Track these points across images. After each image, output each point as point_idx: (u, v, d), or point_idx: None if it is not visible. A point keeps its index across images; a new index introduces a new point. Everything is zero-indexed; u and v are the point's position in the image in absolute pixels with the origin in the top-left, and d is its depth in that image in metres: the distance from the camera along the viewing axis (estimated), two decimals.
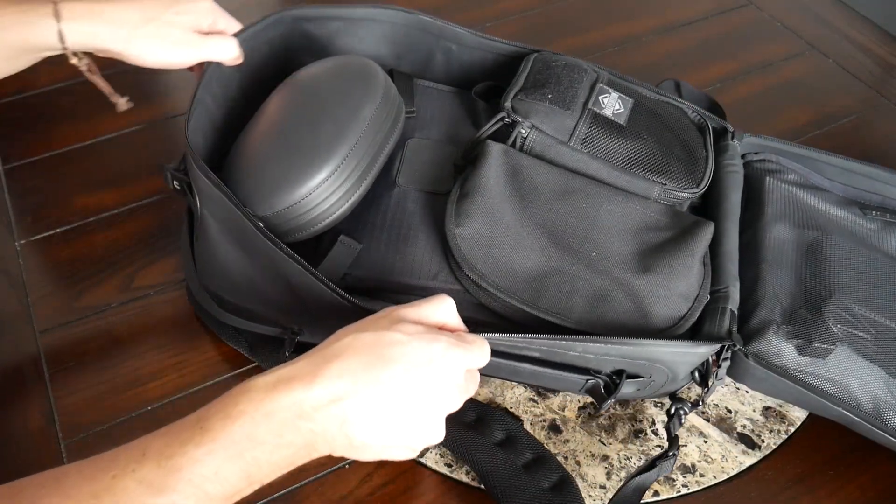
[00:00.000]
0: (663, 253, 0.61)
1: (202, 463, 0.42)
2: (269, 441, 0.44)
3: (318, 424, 0.44)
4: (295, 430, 0.44)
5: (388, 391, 0.45)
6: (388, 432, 0.46)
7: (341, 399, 0.44)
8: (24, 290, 0.71)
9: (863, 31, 1.03)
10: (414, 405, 0.45)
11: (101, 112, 0.87)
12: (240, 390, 0.45)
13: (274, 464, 0.44)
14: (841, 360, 0.59)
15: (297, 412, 0.44)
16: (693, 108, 0.71)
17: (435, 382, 0.46)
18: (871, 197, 0.73)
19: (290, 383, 0.44)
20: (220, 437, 0.43)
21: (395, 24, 0.73)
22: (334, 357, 0.46)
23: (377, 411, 0.45)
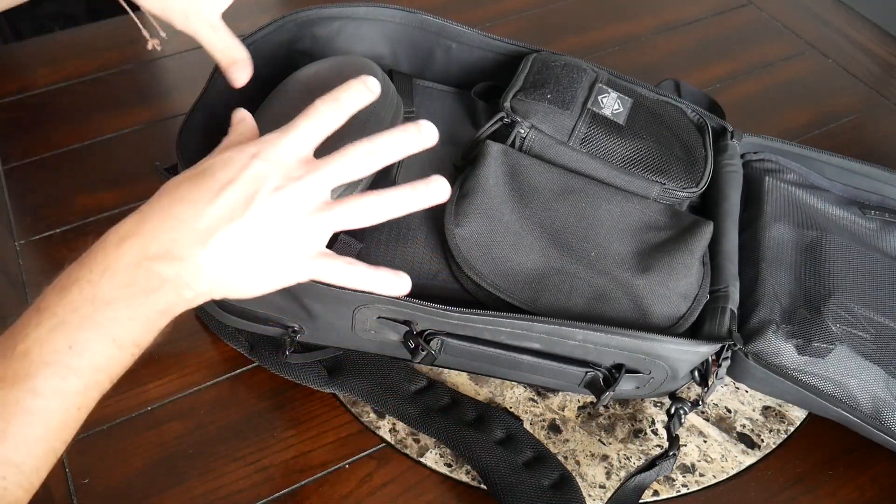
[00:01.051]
0: (663, 252, 0.61)
1: (49, 341, 0.40)
2: (120, 295, 0.42)
3: (166, 266, 0.43)
4: (147, 274, 0.42)
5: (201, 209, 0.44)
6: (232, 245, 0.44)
7: (173, 240, 0.43)
8: (24, 290, 0.71)
9: (863, 31, 1.03)
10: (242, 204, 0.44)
11: (101, 112, 0.87)
12: (73, 264, 0.43)
13: (140, 319, 0.42)
14: (840, 359, 0.59)
15: (138, 257, 0.42)
16: (692, 107, 0.72)
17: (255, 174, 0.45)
18: (870, 197, 0.73)
19: (121, 239, 0.43)
20: (58, 310, 0.41)
21: (395, 23, 0.73)
22: (158, 197, 0.45)
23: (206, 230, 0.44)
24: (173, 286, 0.43)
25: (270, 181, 0.45)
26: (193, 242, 0.44)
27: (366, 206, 0.47)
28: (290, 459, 0.61)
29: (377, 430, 0.62)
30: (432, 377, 0.65)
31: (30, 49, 0.97)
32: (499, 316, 0.55)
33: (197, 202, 0.45)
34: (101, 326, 0.41)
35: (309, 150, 0.48)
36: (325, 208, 0.47)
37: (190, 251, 0.44)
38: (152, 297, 0.43)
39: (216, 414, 0.63)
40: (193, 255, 0.44)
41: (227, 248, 0.44)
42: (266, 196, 0.45)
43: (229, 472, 0.59)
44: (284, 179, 0.46)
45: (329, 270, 0.48)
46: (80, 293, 0.41)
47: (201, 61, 0.93)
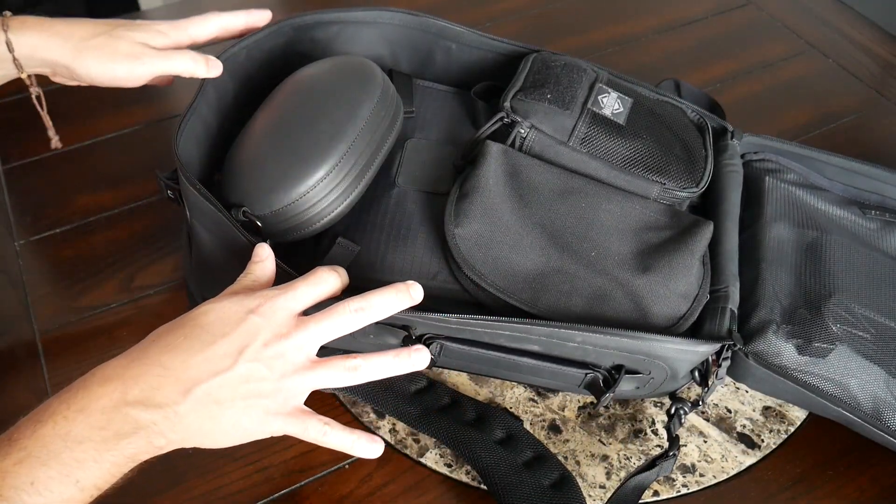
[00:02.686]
0: (663, 252, 0.61)
1: (14, 474, 0.40)
2: (92, 437, 0.42)
3: (143, 412, 0.43)
4: (123, 419, 0.42)
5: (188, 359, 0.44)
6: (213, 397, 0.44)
7: (155, 388, 0.43)
8: (24, 290, 0.71)
9: (863, 31, 1.03)
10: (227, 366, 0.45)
11: (100, 112, 0.87)
12: (53, 397, 0.43)
13: (105, 463, 0.42)
14: (841, 359, 0.59)
15: (117, 400, 0.42)
16: (692, 107, 0.72)
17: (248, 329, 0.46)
18: (870, 196, 0.73)
19: (105, 379, 0.43)
20: (28, 443, 0.41)
21: (395, 25, 0.73)
22: (149, 342, 0.46)
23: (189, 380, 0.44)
24: (146, 433, 0.44)
25: (261, 336, 0.46)
26: (175, 392, 0.44)
27: (348, 369, 0.48)
28: (290, 459, 0.61)
29: (377, 430, 0.62)
30: (432, 377, 0.65)
31: None
32: (497, 320, 0.55)
33: (187, 352, 0.45)
34: (66, 466, 0.41)
35: (301, 309, 0.49)
36: (309, 366, 0.48)
37: (170, 399, 0.44)
38: (123, 442, 0.43)
39: None
40: (173, 405, 0.44)
41: (207, 401, 0.45)
42: (255, 351, 0.46)
43: (229, 473, 0.59)
44: (274, 336, 0.47)
45: (300, 429, 0.48)
46: (54, 428, 0.41)
47: None
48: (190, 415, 0.44)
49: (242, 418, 0.46)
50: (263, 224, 0.58)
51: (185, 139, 0.60)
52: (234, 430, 0.47)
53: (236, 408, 0.46)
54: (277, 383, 0.46)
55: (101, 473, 0.42)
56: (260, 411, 0.46)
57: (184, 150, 0.60)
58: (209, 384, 0.45)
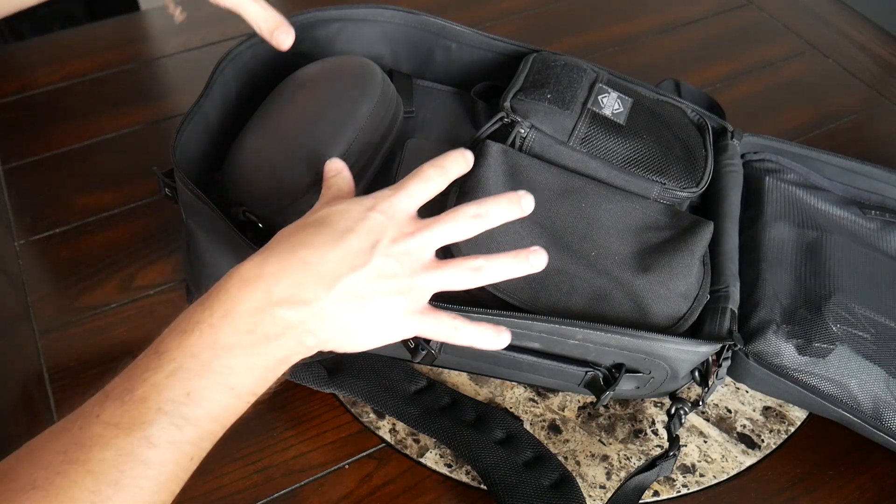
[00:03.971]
0: (663, 252, 0.61)
1: (167, 387, 0.39)
2: (241, 342, 0.41)
3: (290, 311, 0.42)
4: (270, 320, 0.41)
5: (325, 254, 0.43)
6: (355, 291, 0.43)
7: (298, 284, 0.42)
8: (24, 290, 0.71)
9: (863, 31, 1.03)
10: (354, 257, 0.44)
11: (100, 112, 0.87)
12: (193, 305, 0.42)
13: (257, 368, 0.41)
14: (841, 359, 0.59)
15: (262, 301, 0.41)
16: (692, 107, 0.72)
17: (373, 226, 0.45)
18: (870, 197, 0.73)
19: (244, 281, 0.42)
20: (178, 355, 0.40)
21: (395, 23, 0.73)
22: (276, 242, 0.45)
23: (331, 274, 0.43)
24: (295, 333, 0.43)
25: (388, 233, 0.46)
26: (319, 286, 0.43)
27: (473, 269, 0.48)
28: (290, 459, 0.61)
29: (377, 430, 0.62)
30: (432, 377, 0.65)
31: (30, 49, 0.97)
32: (498, 315, 0.55)
33: (320, 247, 0.44)
34: (219, 374, 0.40)
35: (416, 208, 0.49)
36: (434, 265, 0.47)
37: (315, 295, 0.43)
38: (273, 344, 0.42)
39: None
40: (319, 300, 0.43)
41: (350, 295, 0.44)
42: (386, 247, 0.45)
43: (229, 473, 0.59)
44: (400, 234, 0.46)
45: (434, 327, 0.48)
46: (201, 337, 0.40)
47: (201, 61, 0.93)
48: (336, 310, 0.43)
49: (383, 316, 0.45)
50: (265, 225, 0.58)
51: (187, 138, 0.60)
52: (376, 329, 0.46)
53: (377, 304, 0.45)
54: (409, 280, 0.46)
55: (253, 378, 0.41)
56: (397, 310, 0.46)
57: (184, 148, 0.60)
58: (350, 278, 0.44)
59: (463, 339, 0.49)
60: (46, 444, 0.39)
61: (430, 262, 0.47)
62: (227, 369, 0.40)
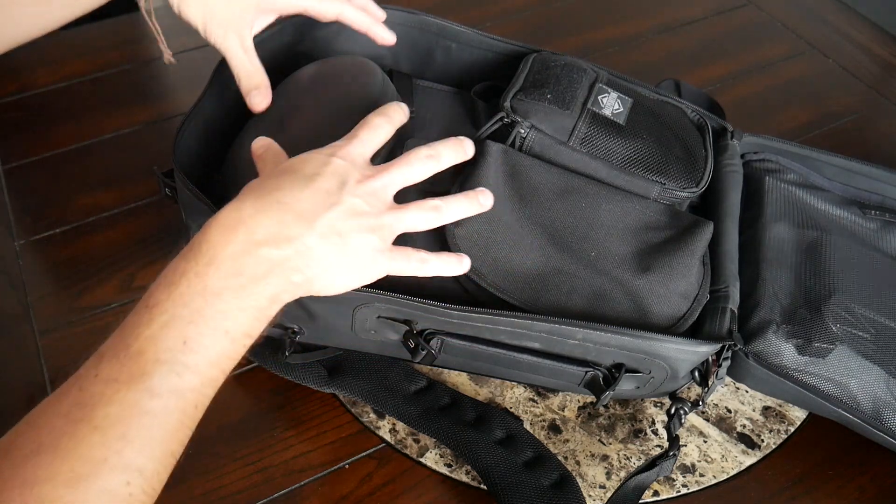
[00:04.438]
0: (663, 252, 0.61)
1: (162, 338, 0.40)
2: (229, 285, 0.41)
3: (274, 250, 0.43)
4: (255, 260, 0.42)
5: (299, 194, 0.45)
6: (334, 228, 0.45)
7: (279, 223, 0.44)
8: (24, 290, 0.71)
9: (863, 31, 1.03)
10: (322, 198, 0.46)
11: (100, 112, 0.87)
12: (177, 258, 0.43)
13: (248, 309, 0.42)
14: (841, 359, 0.59)
15: (245, 243, 0.42)
16: (692, 107, 0.72)
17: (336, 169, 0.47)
18: (870, 197, 0.73)
19: (225, 228, 0.43)
20: (168, 305, 0.40)
21: (394, 23, 0.72)
22: (249, 190, 0.46)
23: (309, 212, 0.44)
24: (282, 270, 0.43)
25: (352, 175, 0.48)
26: (300, 223, 0.44)
27: (431, 208, 0.51)
28: (290, 459, 0.61)
29: (377, 430, 0.62)
30: (432, 377, 0.65)
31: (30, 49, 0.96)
32: (499, 314, 0.55)
33: (293, 189, 0.45)
34: (212, 319, 0.41)
35: (371, 155, 0.51)
36: (397, 207, 0.50)
37: (298, 232, 0.44)
38: (261, 283, 0.42)
39: (216, 413, 0.62)
40: (301, 237, 0.44)
41: (331, 232, 0.45)
42: (353, 187, 0.47)
43: (229, 473, 0.59)
44: (362, 176, 0.48)
45: (404, 262, 0.50)
46: (189, 286, 0.41)
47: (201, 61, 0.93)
48: (318, 246, 0.45)
49: (359, 253, 0.47)
50: None
51: (188, 138, 0.60)
52: (353, 267, 0.47)
53: (353, 241, 0.46)
54: (378, 219, 0.48)
55: (247, 320, 0.42)
56: (370, 248, 0.47)
57: (185, 148, 0.60)
58: (328, 215, 0.45)
59: (431, 269, 0.52)
60: (46, 410, 0.39)
61: (392, 204, 0.50)
62: (220, 314, 0.41)
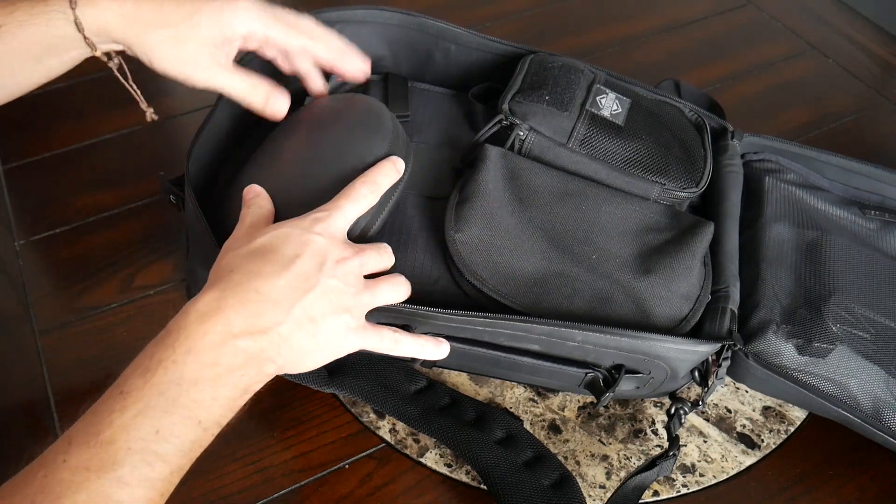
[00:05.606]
0: (664, 254, 0.61)
1: (135, 427, 0.40)
2: (205, 375, 0.42)
3: (250, 342, 0.43)
4: (232, 352, 0.43)
5: (276, 282, 0.45)
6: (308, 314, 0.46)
7: (255, 315, 0.44)
8: (24, 290, 0.71)
9: (863, 31, 1.03)
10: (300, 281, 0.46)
11: (100, 112, 0.87)
12: (152, 343, 0.43)
13: (222, 398, 0.43)
14: (841, 359, 0.59)
15: (222, 334, 0.43)
16: (690, 106, 0.71)
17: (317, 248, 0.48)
18: (870, 197, 0.73)
19: (203, 316, 0.43)
20: (143, 394, 0.40)
21: (393, 25, 0.72)
22: (229, 272, 0.46)
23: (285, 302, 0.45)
24: (256, 361, 0.44)
25: (331, 254, 0.49)
26: (275, 314, 0.45)
27: (402, 284, 0.54)
28: (290, 459, 0.61)
29: (377, 430, 0.62)
30: (432, 377, 0.65)
31: None
32: (498, 317, 0.55)
33: (271, 276, 0.46)
34: (186, 409, 0.41)
35: (348, 227, 0.52)
36: (369, 284, 0.51)
37: (272, 322, 0.45)
38: (236, 374, 0.43)
39: None
40: (277, 325, 0.45)
41: (305, 319, 0.46)
42: (331, 268, 0.48)
43: (229, 473, 0.60)
44: (341, 255, 0.49)
45: (377, 340, 0.52)
46: (166, 374, 0.41)
47: None
48: (292, 335, 0.46)
49: (331, 334, 0.48)
50: None
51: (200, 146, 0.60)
52: (325, 347, 0.48)
53: (327, 324, 0.47)
54: (353, 298, 0.49)
55: (219, 409, 0.43)
56: (343, 327, 0.49)
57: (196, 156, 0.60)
58: (303, 302, 0.46)
59: (404, 350, 0.54)
60: (10, 493, 0.39)
61: (366, 282, 0.51)
62: (195, 403, 0.41)
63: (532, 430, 0.63)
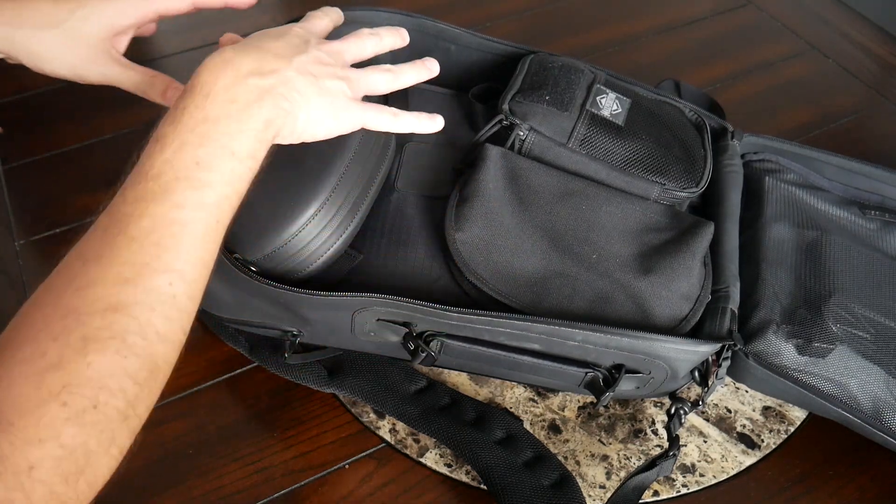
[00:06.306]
0: (664, 254, 0.61)
1: (177, 160, 0.43)
2: (227, 111, 0.45)
3: (260, 79, 0.47)
4: (246, 88, 0.47)
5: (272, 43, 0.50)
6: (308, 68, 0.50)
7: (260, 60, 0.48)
8: (24, 290, 0.71)
9: (863, 31, 1.03)
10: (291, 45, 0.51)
11: (100, 112, 0.87)
12: (177, 100, 0.47)
13: (249, 131, 0.46)
14: (840, 359, 0.59)
15: (234, 76, 0.47)
16: (690, 106, 0.71)
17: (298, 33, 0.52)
18: (870, 197, 0.73)
19: (214, 68, 0.47)
20: (178, 135, 0.44)
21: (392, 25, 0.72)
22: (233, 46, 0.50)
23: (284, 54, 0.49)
24: (270, 96, 0.47)
25: (313, 38, 0.53)
26: (278, 60, 0.49)
27: (387, 70, 0.56)
28: (290, 459, 0.61)
29: (377, 430, 0.62)
30: (432, 377, 0.65)
31: None
32: (498, 316, 0.55)
33: (267, 39, 0.51)
34: (217, 141, 0.44)
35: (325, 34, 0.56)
36: (357, 69, 0.54)
37: (277, 66, 0.49)
38: (255, 107, 0.47)
39: (216, 414, 0.63)
40: (282, 69, 0.49)
41: (305, 69, 0.50)
42: (316, 45, 0.52)
43: (229, 473, 0.60)
44: (321, 41, 0.54)
45: (377, 113, 0.54)
46: (191, 117, 0.45)
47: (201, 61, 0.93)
48: (297, 79, 0.49)
49: (333, 95, 0.51)
50: (257, 269, 0.57)
51: None
52: (332, 109, 0.51)
53: (326, 82, 0.51)
54: (343, 70, 0.53)
55: (248, 141, 0.46)
56: (342, 93, 0.52)
57: None
58: (299, 57, 0.50)
59: (403, 125, 0.56)
60: (85, 237, 0.43)
61: (350, 67, 0.54)
62: (224, 135, 0.45)
63: (532, 430, 0.63)
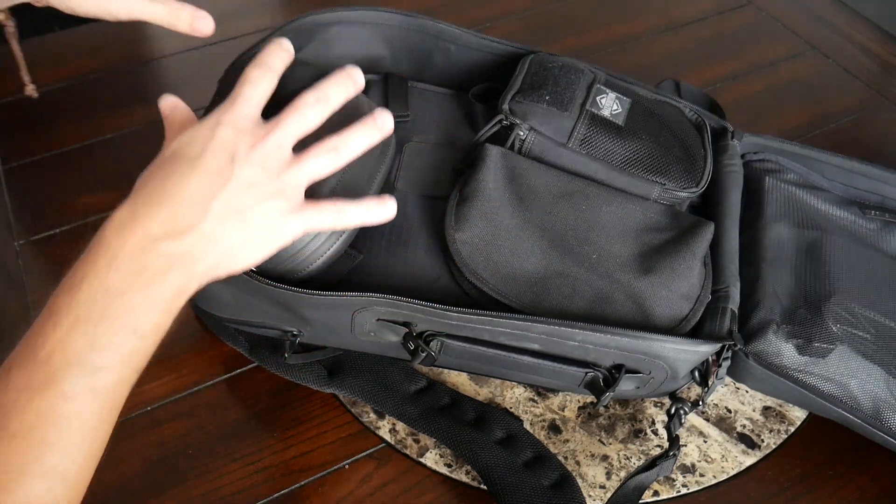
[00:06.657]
0: (664, 254, 0.61)
1: (71, 341, 0.39)
2: (132, 284, 0.41)
3: (172, 244, 0.42)
4: (155, 256, 0.42)
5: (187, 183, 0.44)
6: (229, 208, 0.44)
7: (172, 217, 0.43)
8: (24, 290, 0.71)
9: (863, 31, 1.03)
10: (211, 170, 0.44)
11: (100, 112, 0.87)
12: (73, 266, 0.42)
13: (156, 305, 0.42)
14: (841, 359, 0.59)
15: (142, 241, 0.42)
16: (690, 106, 0.71)
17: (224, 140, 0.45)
18: (870, 197, 0.73)
19: (120, 227, 0.42)
20: (72, 309, 0.40)
21: (393, 25, 0.72)
22: (140, 187, 0.45)
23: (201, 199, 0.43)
24: (182, 263, 0.43)
25: (241, 143, 0.46)
26: (194, 211, 0.44)
27: (329, 150, 0.48)
28: (290, 459, 0.61)
29: (377, 430, 0.62)
30: (432, 377, 0.65)
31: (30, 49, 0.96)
32: (497, 316, 0.55)
33: (182, 177, 0.44)
34: (118, 319, 0.40)
35: (259, 112, 0.48)
36: (295, 161, 0.47)
37: (194, 220, 0.43)
38: (164, 278, 0.42)
39: (216, 414, 0.63)
40: (197, 225, 0.43)
41: (228, 213, 0.44)
42: (244, 156, 0.45)
43: (229, 473, 0.60)
44: (254, 140, 0.46)
45: (318, 217, 0.49)
46: (91, 287, 0.40)
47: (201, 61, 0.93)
48: (217, 232, 0.44)
49: (264, 224, 0.46)
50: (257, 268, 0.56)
51: None
52: (262, 239, 0.46)
53: (255, 214, 0.45)
54: (278, 182, 0.46)
55: (154, 315, 0.42)
56: (277, 214, 0.46)
57: None
58: (220, 198, 0.44)
59: (349, 220, 0.50)
60: None
61: (291, 159, 0.47)
62: (128, 312, 0.41)
63: (532, 430, 0.63)
